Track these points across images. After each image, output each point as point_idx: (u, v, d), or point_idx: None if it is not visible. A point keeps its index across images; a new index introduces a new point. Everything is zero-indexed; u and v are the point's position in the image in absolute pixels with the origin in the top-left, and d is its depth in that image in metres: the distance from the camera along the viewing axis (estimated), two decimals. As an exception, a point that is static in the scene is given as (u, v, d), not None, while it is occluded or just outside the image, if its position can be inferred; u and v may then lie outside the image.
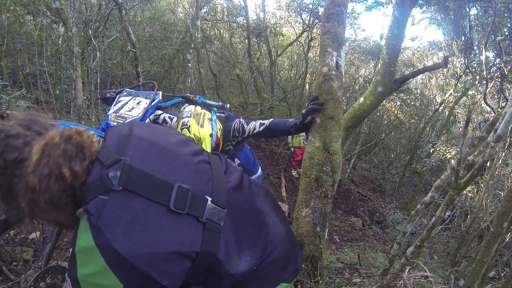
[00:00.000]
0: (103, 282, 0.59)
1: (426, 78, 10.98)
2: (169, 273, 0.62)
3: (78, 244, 0.61)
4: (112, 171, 0.64)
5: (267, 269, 0.82)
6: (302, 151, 6.76)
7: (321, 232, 1.79)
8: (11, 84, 3.82)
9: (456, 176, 1.95)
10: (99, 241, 0.58)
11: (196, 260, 0.66)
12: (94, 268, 0.59)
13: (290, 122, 1.92)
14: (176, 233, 0.64)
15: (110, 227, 0.59)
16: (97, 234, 0.59)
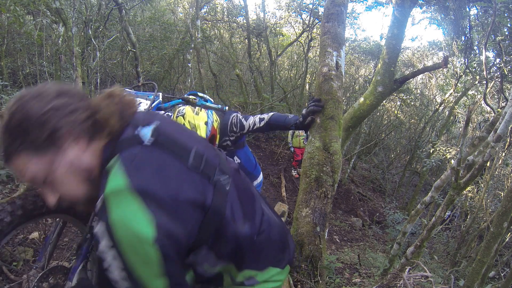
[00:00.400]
0: (135, 222, 0.63)
1: (426, 78, 10.98)
2: (188, 219, 0.70)
3: (109, 186, 0.66)
4: (144, 130, 0.76)
5: (263, 245, 0.89)
6: (302, 151, 6.76)
7: (321, 232, 1.79)
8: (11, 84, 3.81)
9: (456, 176, 1.95)
10: (131, 181, 0.65)
11: (207, 214, 0.74)
12: (126, 208, 0.64)
13: (290, 120, 1.90)
14: (194, 186, 0.74)
15: (142, 170, 0.68)
16: (129, 175, 0.66)
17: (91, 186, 0.76)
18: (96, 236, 0.65)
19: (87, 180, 0.76)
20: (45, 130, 0.70)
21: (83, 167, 0.74)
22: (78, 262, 1.22)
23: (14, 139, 0.70)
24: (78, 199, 0.78)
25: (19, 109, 0.70)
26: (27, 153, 0.71)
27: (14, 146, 0.70)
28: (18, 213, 1.09)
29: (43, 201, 1.18)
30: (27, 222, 1.13)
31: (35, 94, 0.72)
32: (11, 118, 0.70)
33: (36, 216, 1.17)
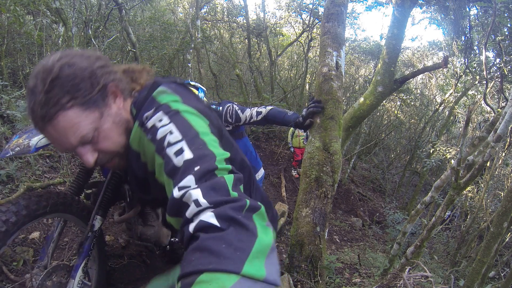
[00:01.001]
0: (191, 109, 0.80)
1: (426, 78, 10.98)
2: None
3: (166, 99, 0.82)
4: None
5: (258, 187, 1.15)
6: (302, 151, 6.76)
7: (321, 232, 1.79)
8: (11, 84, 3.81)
9: (456, 176, 1.95)
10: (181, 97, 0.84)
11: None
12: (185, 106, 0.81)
13: (289, 118, 1.88)
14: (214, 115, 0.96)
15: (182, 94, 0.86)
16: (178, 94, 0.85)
17: (127, 136, 0.84)
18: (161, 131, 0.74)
19: (126, 130, 0.84)
20: (96, 85, 0.74)
21: (124, 118, 0.84)
22: (80, 260, 1.24)
23: (63, 94, 0.69)
24: (118, 151, 0.85)
25: (68, 64, 0.71)
26: (78, 108, 0.72)
27: (62, 101, 0.69)
28: (22, 213, 1.11)
29: (46, 200, 1.19)
30: (30, 221, 1.15)
31: (79, 53, 0.75)
32: (59, 73, 0.69)
33: (39, 216, 1.18)
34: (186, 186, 0.63)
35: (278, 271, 0.56)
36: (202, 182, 0.63)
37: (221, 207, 0.58)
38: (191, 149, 0.69)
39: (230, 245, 0.52)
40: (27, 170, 2.51)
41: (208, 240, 0.53)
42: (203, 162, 0.67)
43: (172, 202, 0.63)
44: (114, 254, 2.10)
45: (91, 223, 1.31)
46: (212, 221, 0.55)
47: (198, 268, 0.50)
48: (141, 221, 1.74)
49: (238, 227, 0.55)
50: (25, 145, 1.18)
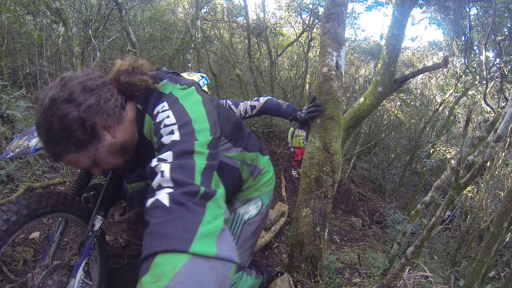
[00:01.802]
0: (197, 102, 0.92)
1: (426, 78, 10.98)
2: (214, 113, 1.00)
3: (174, 89, 0.96)
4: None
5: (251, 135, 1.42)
6: (302, 151, 6.76)
7: (321, 232, 1.79)
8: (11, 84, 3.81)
9: (456, 176, 1.95)
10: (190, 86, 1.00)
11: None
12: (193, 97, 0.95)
13: (284, 111, 1.85)
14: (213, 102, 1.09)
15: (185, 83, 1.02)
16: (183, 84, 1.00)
17: (128, 154, 0.98)
18: (167, 117, 0.84)
19: (124, 151, 0.96)
20: (85, 130, 0.83)
21: (118, 145, 0.93)
22: (81, 260, 1.24)
23: (59, 144, 0.83)
24: (119, 167, 1.01)
25: (56, 116, 0.80)
26: (74, 152, 0.85)
27: (60, 149, 0.83)
28: (23, 212, 1.12)
29: (47, 200, 1.20)
30: (31, 221, 1.15)
31: (65, 96, 0.81)
32: (50, 127, 0.80)
33: (40, 216, 1.19)
34: (163, 159, 0.72)
35: (233, 248, 0.62)
36: (176, 159, 0.72)
37: (177, 189, 0.65)
38: (180, 132, 0.79)
39: (177, 228, 0.58)
40: (27, 170, 2.51)
41: (157, 225, 0.59)
42: (185, 143, 0.76)
43: (148, 169, 0.73)
44: (114, 254, 2.10)
45: (91, 223, 1.32)
46: (164, 202, 0.63)
47: (152, 250, 0.55)
48: (141, 221, 1.74)
49: (186, 211, 0.62)
50: (25, 146, 1.18)
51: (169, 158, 0.72)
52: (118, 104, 0.91)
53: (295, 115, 1.86)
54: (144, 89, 0.97)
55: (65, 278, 1.25)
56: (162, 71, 1.08)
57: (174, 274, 0.51)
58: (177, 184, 0.66)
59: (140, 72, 0.98)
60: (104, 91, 0.88)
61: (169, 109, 0.86)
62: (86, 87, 0.85)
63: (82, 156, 0.86)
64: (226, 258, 0.58)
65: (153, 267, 0.53)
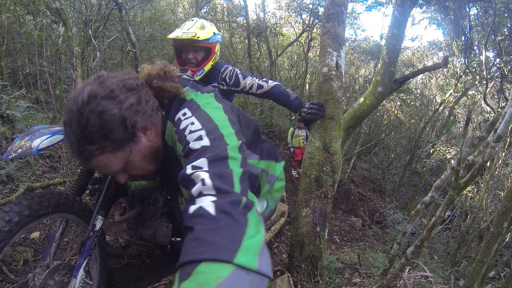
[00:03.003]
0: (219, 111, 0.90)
1: (426, 78, 10.98)
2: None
3: (199, 97, 0.94)
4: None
5: (267, 143, 1.38)
6: (302, 151, 6.76)
7: (321, 232, 1.79)
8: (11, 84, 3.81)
9: (456, 176, 1.95)
10: (213, 94, 0.98)
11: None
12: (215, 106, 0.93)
13: (291, 102, 1.83)
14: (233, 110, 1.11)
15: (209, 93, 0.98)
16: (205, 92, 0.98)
17: (159, 160, 0.94)
18: (190, 122, 0.82)
19: (157, 157, 0.92)
20: (125, 129, 0.78)
21: (153, 149, 0.89)
22: (82, 259, 1.25)
23: (94, 143, 0.76)
24: (148, 174, 0.95)
25: (96, 111, 0.74)
26: (109, 152, 0.79)
27: (94, 148, 0.77)
28: (25, 213, 1.12)
29: (48, 201, 1.20)
30: (33, 222, 1.16)
31: (105, 93, 0.77)
32: (88, 123, 0.74)
33: (41, 216, 1.19)
34: (198, 167, 0.70)
35: (270, 265, 0.60)
36: (213, 166, 0.70)
37: (221, 197, 0.64)
38: (209, 138, 0.77)
39: (223, 237, 0.56)
40: (27, 170, 2.52)
41: (203, 232, 0.57)
42: (217, 149, 0.74)
43: (183, 177, 0.70)
44: (114, 254, 2.10)
45: (92, 223, 1.32)
46: (210, 210, 0.61)
47: (197, 257, 0.53)
48: (141, 221, 1.74)
49: (231, 220, 0.60)
50: (27, 147, 1.18)
51: (204, 166, 0.70)
52: (155, 107, 0.88)
53: (299, 111, 1.85)
54: (173, 96, 0.93)
55: (66, 278, 1.25)
56: (184, 79, 1.06)
57: (218, 284, 0.50)
58: (220, 192, 0.65)
59: (171, 77, 0.95)
60: (143, 91, 0.85)
61: (192, 115, 0.84)
62: (126, 86, 0.81)
63: (116, 158, 0.81)
64: (265, 273, 0.56)
65: (195, 274, 0.52)
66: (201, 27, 1.82)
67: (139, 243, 1.82)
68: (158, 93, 0.91)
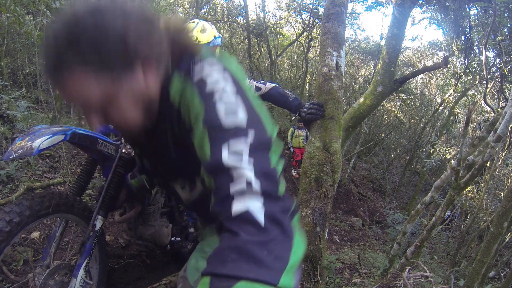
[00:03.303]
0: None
1: (426, 78, 10.98)
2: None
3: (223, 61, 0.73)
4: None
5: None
6: (301, 151, 6.75)
7: (321, 232, 1.79)
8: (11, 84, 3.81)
9: (456, 176, 1.95)
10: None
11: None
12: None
13: (291, 103, 1.80)
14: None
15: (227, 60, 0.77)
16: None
17: (149, 114, 0.71)
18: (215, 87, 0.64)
19: (148, 108, 0.70)
20: (122, 48, 0.61)
21: (146, 95, 0.68)
22: (82, 259, 1.25)
23: (79, 52, 0.58)
24: (128, 129, 0.73)
25: (99, 25, 0.58)
26: (92, 71, 0.60)
27: (75, 60, 0.58)
28: (26, 213, 1.12)
29: (49, 201, 1.20)
30: (33, 222, 1.16)
31: (113, 6, 0.61)
32: (80, 31, 0.57)
33: (42, 216, 1.20)
34: (238, 152, 0.56)
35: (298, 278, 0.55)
36: (256, 159, 0.56)
37: (270, 203, 0.54)
38: (247, 116, 0.60)
39: (271, 253, 0.49)
40: (27, 170, 2.52)
41: (250, 243, 0.49)
42: (258, 134, 0.59)
43: (217, 164, 0.57)
44: (114, 254, 2.10)
45: (92, 223, 1.32)
46: (259, 218, 0.51)
47: (238, 274, 0.46)
48: (141, 221, 1.74)
49: (282, 233, 0.52)
50: (28, 147, 1.18)
51: (244, 154, 0.56)
52: (165, 50, 0.69)
53: (299, 112, 1.84)
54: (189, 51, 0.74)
55: (66, 278, 1.25)
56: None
57: None
58: (268, 196, 0.54)
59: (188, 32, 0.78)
60: (157, 28, 0.67)
61: (221, 77, 0.66)
62: (142, 14, 0.65)
63: (98, 83, 0.61)
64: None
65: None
66: (202, 30, 1.82)
67: (139, 243, 1.82)
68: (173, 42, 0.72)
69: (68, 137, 1.26)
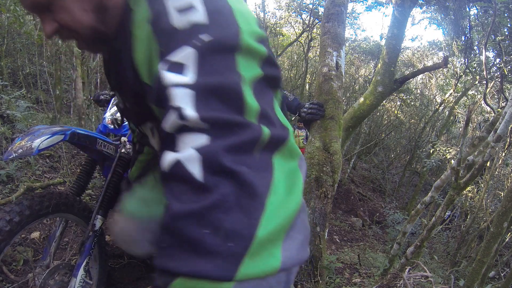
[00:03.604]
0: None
1: (426, 78, 10.98)
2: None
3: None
4: None
5: None
6: (302, 151, 6.73)
7: (321, 232, 1.79)
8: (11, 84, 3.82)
9: (456, 176, 1.95)
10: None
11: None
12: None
13: (290, 103, 1.79)
14: None
15: None
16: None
17: (104, 16, 0.54)
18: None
19: (101, 9, 0.54)
20: None
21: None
22: (81, 259, 1.26)
23: None
24: (81, 32, 0.55)
25: None
26: None
27: None
28: (26, 213, 1.13)
29: (48, 201, 1.21)
30: (33, 221, 1.17)
31: None
32: None
33: (42, 216, 1.20)
34: (179, 65, 0.38)
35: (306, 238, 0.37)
36: (206, 67, 0.38)
37: (217, 138, 0.34)
38: (207, 9, 0.41)
39: (217, 230, 0.31)
40: (27, 170, 2.52)
41: (181, 218, 0.32)
42: (219, 30, 0.40)
43: (158, 86, 0.39)
44: (114, 254, 2.10)
45: (92, 223, 1.32)
46: (193, 170, 0.33)
47: (172, 268, 0.32)
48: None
49: (235, 189, 0.32)
50: (27, 147, 1.19)
51: (190, 62, 0.37)
52: None
53: (299, 112, 1.84)
54: None
55: (66, 278, 1.26)
56: None
57: None
58: (216, 126, 0.35)
59: None
60: None
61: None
62: None
63: None
64: (295, 263, 0.35)
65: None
66: None
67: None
68: None
69: (67, 137, 1.26)
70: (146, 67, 0.45)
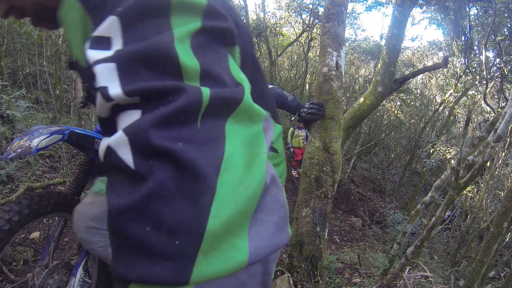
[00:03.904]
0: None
1: (426, 78, 10.98)
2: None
3: None
4: None
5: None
6: (302, 151, 6.76)
7: (321, 232, 1.79)
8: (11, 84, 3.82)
9: (456, 176, 1.95)
10: None
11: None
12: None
13: (290, 103, 1.75)
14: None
15: None
16: None
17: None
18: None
19: None
20: None
21: None
22: (80, 258, 1.26)
23: None
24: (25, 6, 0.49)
25: None
26: None
27: None
28: (25, 212, 1.13)
29: (47, 200, 1.21)
30: (32, 221, 1.17)
31: None
32: None
33: (41, 215, 1.20)
34: (103, 38, 0.32)
35: (283, 219, 0.32)
36: (131, 33, 0.32)
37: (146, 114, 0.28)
38: None
39: (159, 226, 0.26)
40: (27, 170, 2.52)
41: (121, 216, 0.27)
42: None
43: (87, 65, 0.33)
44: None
45: (91, 223, 1.32)
46: (125, 158, 0.28)
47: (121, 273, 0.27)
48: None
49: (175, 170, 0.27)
50: (26, 146, 1.19)
51: (114, 34, 0.32)
52: None
53: (299, 112, 1.82)
54: None
55: (65, 277, 1.26)
56: None
57: None
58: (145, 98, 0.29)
59: None
60: None
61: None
62: None
63: None
64: (270, 251, 0.30)
65: None
66: None
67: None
68: None
69: (66, 137, 1.26)
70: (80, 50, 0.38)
